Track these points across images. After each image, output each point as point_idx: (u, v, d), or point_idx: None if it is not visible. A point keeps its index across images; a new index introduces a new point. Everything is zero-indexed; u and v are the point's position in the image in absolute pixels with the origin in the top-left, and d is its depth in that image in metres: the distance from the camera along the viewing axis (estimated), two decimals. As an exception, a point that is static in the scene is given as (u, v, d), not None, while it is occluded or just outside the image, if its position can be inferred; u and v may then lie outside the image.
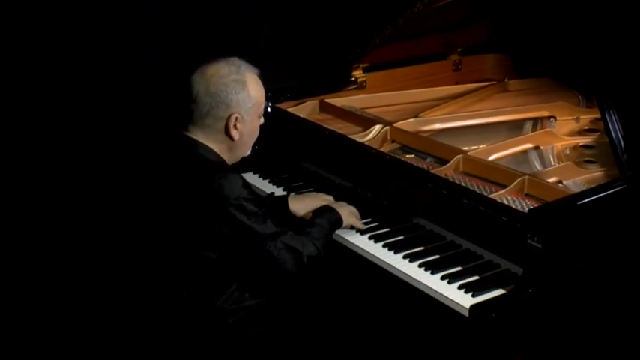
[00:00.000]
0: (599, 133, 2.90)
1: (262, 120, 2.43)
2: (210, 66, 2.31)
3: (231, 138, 2.32)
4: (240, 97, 2.29)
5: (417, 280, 2.34)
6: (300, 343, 2.49)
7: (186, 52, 3.54)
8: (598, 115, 2.69)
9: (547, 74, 3.46)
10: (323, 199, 2.70)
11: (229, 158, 2.37)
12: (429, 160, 2.82)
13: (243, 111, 2.31)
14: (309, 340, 2.54)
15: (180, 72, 2.38)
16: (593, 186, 2.48)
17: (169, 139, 2.40)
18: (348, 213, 2.59)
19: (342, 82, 3.39)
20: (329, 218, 2.54)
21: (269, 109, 3.13)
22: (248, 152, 2.44)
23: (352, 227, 2.61)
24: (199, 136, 2.32)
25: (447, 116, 3.12)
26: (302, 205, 2.67)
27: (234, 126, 2.30)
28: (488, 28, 3.58)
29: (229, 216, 2.23)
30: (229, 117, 2.29)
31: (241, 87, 2.29)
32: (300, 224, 2.54)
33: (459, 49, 3.66)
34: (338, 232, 2.59)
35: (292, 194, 2.77)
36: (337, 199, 2.77)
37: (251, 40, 3.79)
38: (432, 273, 2.35)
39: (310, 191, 2.88)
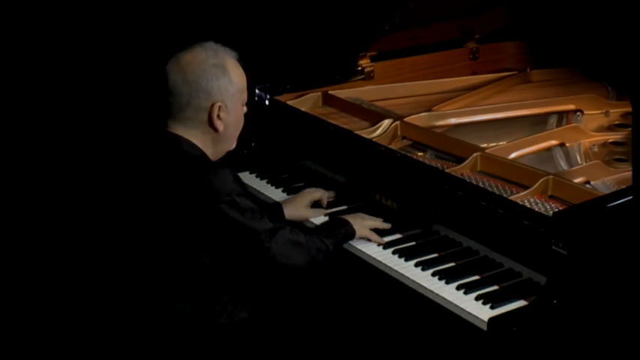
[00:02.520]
0: (630, 129, 2.89)
1: (246, 109, 2.42)
2: (185, 53, 2.31)
3: (215, 129, 2.32)
4: (221, 84, 2.29)
5: (430, 291, 2.34)
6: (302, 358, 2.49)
7: (175, 40, 3.54)
8: (629, 109, 2.68)
9: (573, 64, 3.45)
10: (311, 194, 2.72)
11: (213, 153, 2.37)
12: (443, 158, 2.81)
13: (226, 98, 2.31)
14: (312, 354, 2.54)
15: (159, 63, 2.37)
16: (624, 187, 2.47)
17: (149, 138, 2.39)
18: (361, 225, 2.56)
19: (348, 73, 3.39)
20: (338, 228, 2.51)
21: (267, 102, 3.13)
22: (233, 146, 2.44)
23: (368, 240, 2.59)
24: (181, 131, 2.31)
25: (463, 110, 3.12)
26: (293, 205, 2.70)
27: (218, 116, 2.30)
28: (508, 12, 3.57)
29: (221, 214, 2.22)
30: (212, 106, 2.29)
31: (222, 72, 2.29)
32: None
33: (477, 36, 3.66)
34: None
35: (284, 200, 2.77)
36: (341, 201, 2.77)
37: (248, 26, 3.79)
38: (447, 282, 2.35)
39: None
